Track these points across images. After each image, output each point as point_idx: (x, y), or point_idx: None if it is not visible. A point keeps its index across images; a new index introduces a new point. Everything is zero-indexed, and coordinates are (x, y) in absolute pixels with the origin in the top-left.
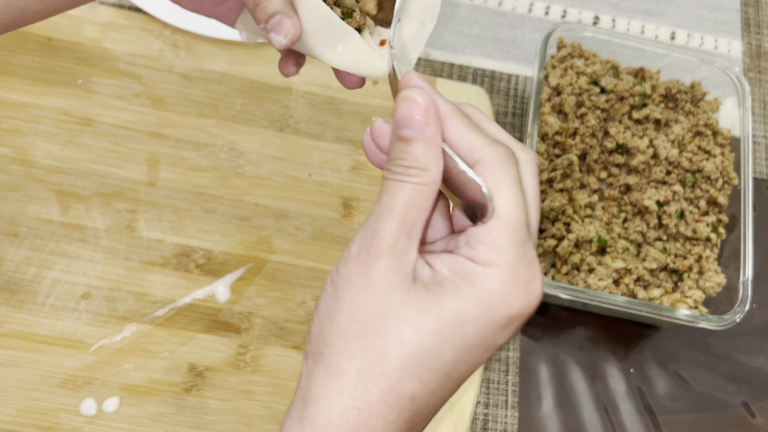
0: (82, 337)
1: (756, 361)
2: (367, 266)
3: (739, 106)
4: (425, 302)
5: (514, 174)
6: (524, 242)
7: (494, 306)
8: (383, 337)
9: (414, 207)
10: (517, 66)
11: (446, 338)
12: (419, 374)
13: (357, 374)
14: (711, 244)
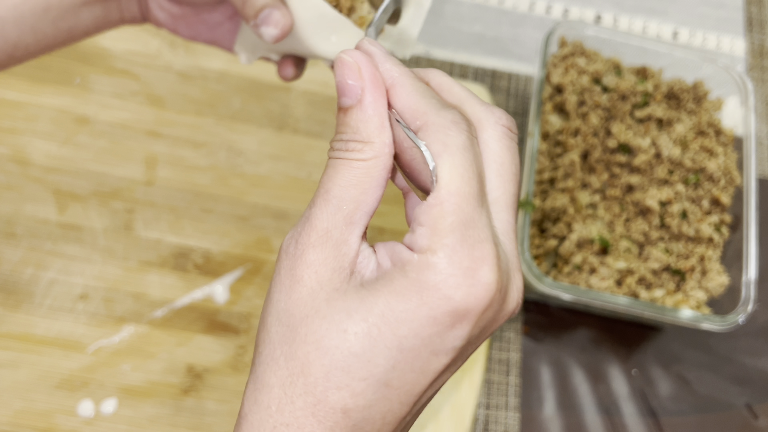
0: (80, 338)
1: (759, 362)
2: (294, 260)
3: (742, 105)
4: (352, 300)
5: (462, 139)
6: (470, 221)
7: (432, 301)
8: (305, 342)
9: (354, 187)
10: (518, 64)
11: (374, 341)
12: (347, 383)
13: (281, 386)
14: (714, 244)
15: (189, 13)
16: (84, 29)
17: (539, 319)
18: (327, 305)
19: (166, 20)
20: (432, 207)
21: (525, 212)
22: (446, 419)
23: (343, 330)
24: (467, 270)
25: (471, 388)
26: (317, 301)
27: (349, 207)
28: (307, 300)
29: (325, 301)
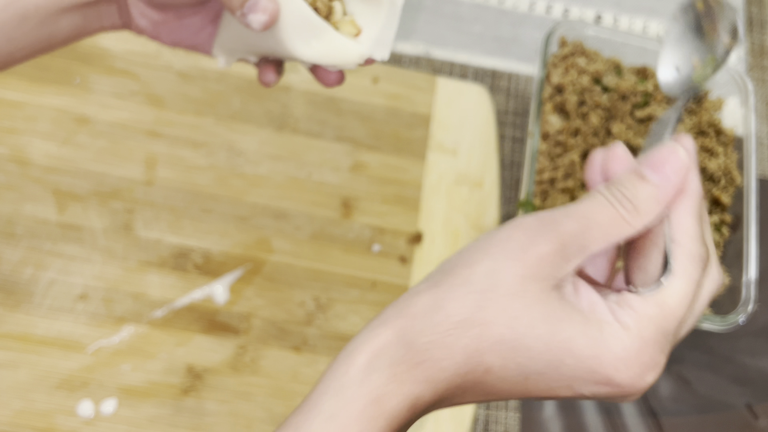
0: (80, 338)
1: (760, 362)
2: (530, 241)
3: (742, 105)
4: (551, 311)
5: (698, 275)
6: (667, 334)
7: (604, 362)
8: (499, 307)
9: (603, 230)
10: (518, 64)
11: (548, 352)
12: (505, 356)
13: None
14: (714, 245)
15: (171, 19)
16: (63, 37)
17: None
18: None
19: (148, 27)
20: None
21: (525, 212)
22: (446, 419)
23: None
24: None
25: None
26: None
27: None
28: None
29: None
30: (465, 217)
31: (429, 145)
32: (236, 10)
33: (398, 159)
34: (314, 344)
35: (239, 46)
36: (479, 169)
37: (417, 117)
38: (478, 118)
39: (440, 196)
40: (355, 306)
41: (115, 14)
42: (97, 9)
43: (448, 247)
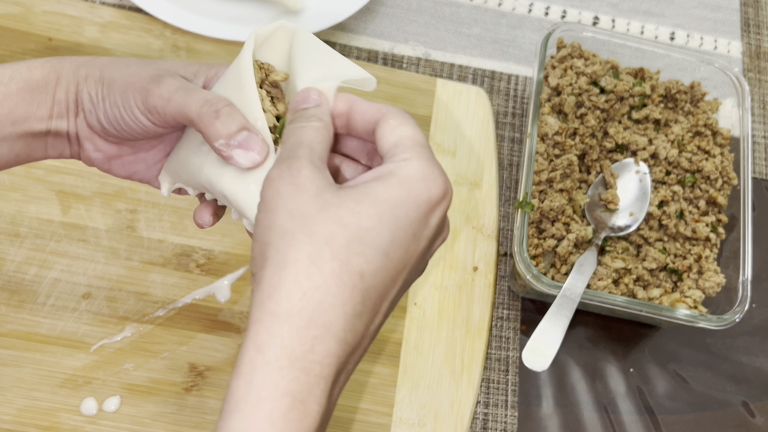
0: (83, 337)
1: (756, 360)
2: (292, 177)
3: (738, 106)
4: (356, 194)
5: None
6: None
7: (417, 189)
8: (326, 222)
9: (317, 142)
10: (517, 66)
11: (381, 218)
12: (363, 250)
13: (309, 257)
14: (710, 244)
15: (127, 153)
16: (3, 163)
17: (537, 318)
18: (337, 199)
19: (100, 160)
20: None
21: (523, 212)
22: (445, 417)
23: (357, 212)
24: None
25: (470, 386)
26: (326, 196)
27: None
28: (315, 198)
29: (333, 197)
30: (464, 217)
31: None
32: (219, 138)
33: None
34: None
35: (183, 174)
36: (478, 169)
37: (416, 118)
38: (476, 120)
39: None
40: None
41: (64, 146)
42: (44, 140)
43: (448, 246)
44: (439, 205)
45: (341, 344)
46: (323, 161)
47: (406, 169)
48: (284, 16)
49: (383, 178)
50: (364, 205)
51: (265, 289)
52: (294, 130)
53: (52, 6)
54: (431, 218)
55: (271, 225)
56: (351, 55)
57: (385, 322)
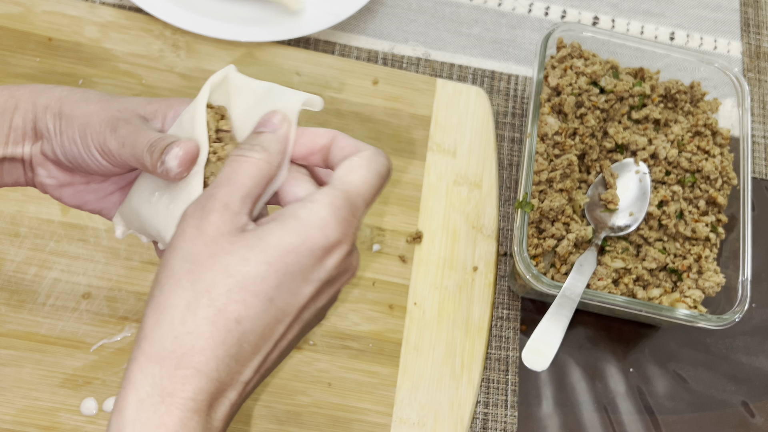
0: (83, 337)
1: (755, 360)
2: (200, 220)
3: (738, 106)
4: (251, 239)
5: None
6: (354, 201)
7: (313, 236)
8: (212, 270)
9: (249, 178)
10: (516, 66)
11: (269, 266)
12: (244, 297)
13: (187, 303)
14: (710, 244)
15: (79, 181)
16: None
17: (537, 318)
18: (230, 245)
19: (52, 187)
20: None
21: (523, 212)
22: (445, 417)
23: (245, 259)
24: (339, 218)
25: (470, 386)
26: (221, 244)
27: (244, 191)
28: (211, 244)
29: (228, 243)
30: (464, 217)
31: (428, 146)
32: (155, 162)
33: (398, 159)
34: (315, 343)
35: (135, 220)
36: (478, 169)
37: (417, 118)
38: (476, 120)
39: (439, 197)
40: (355, 305)
41: (20, 173)
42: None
43: (448, 246)
44: (337, 248)
45: (213, 382)
46: (246, 200)
47: (306, 212)
48: (284, 16)
49: (283, 221)
50: (254, 252)
51: (144, 328)
52: (231, 160)
53: (52, 6)
54: (327, 261)
55: (165, 264)
56: (351, 55)
57: (280, 355)
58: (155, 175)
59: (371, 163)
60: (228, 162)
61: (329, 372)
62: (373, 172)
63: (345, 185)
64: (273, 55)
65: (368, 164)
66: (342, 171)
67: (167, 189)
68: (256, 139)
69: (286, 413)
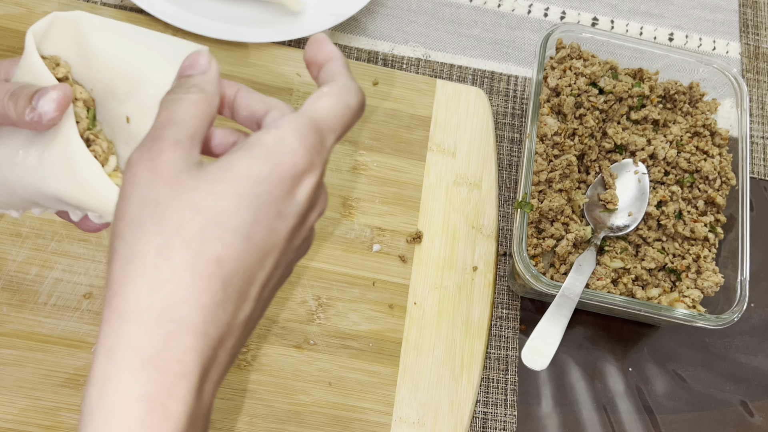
0: (84, 337)
1: (754, 360)
2: (150, 161)
3: (737, 107)
4: (216, 171)
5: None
6: (319, 127)
7: (282, 162)
8: (179, 209)
9: (192, 117)
10: (516, 67)
11: (241, 197)
12: (220, 234)
13: (157, 249)
14: (709, 244)
15: None
16: None
17: (536, 317)
18: (193, 180)
19: None
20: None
21: (523, 212)
22: (445, 416)
23: (214, 193)
24: (305, 141)
25: (469, 385)
26: (183, 180)
27: (190, 130)
28: (171, 182)
29: (191, 178)
30: (464, 217)
31: (428, 147)
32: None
33: (398, 160)
34: (315, 342)
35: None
36: (478, 169)
37: (416, 119)
38: (476, 120)
39: (439, 197)
40: (355, 304)
41: None
42: None
43: (447, 246)
44: (306, 177)
45: (202, 337)
46: (194, 139)
47: (272, 137)
48: (284, 17)
49: (248, 148)
50: (222, 184)
51: (112, 285)
52: (167, 103)
53: (54, 7)
54: (297, 193)
55: (122, 215)
56: (351, 56)
57: (263, 307)
58: (20, 124)
59: (341, 93)
60: (164, 105)
61: (329, 371)
62: (343, 102)
63: (312, 112)
64: (273, 55)
65: (338, 93)
66: (311, 100)
67: (33, 142)
68: (189, 81)
69: (286, 412)
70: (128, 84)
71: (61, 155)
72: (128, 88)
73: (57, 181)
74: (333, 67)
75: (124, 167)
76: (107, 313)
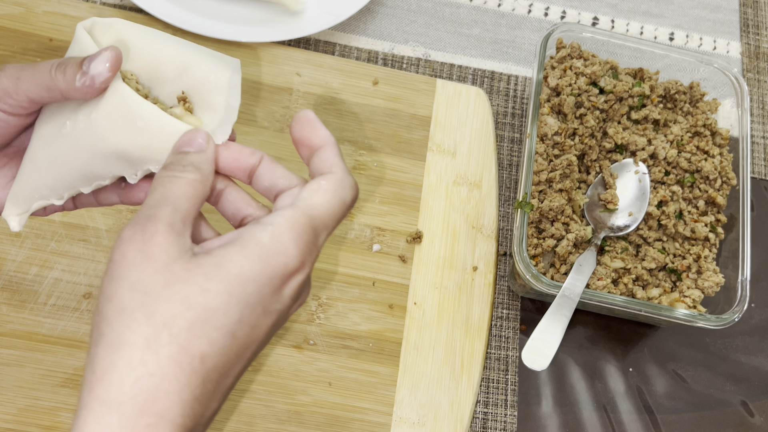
0: (84, 337)
1: (754, 360)
2: (143, 243)
3: (737, 107)
4: (208, 267)
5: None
6: (315, 225)
7: (273, 263)
8: (169, 302)
9: (187, 198)
10: (516, 67)
11: (230, 296)
12: (206, 332)
13: (145, 340)
14: (709, 244)
15: None
16: None
17: (537, 317)
18: (186, 273)
19: None
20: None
21: (523, 212)
22: (445, 416)
23: (205, 290)
24: (299, 242)
25: (469, 385)
26: (175, 270)
27: (183, 212)
28: (163, 271)
29: (183, 270)
30: (464, 217)
31: (428, 146)
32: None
33: (398, 160)
34: (315, 342)
35: (47, 181)
36: (478, 169)
37: (416, 118)
38: (476, 120)
39: (439, 197)
40: (355, 305)
41: None
42: None
43: (447, 246)
44: (295, 276)
45: (179, 429)
46: (186, 221)
47: (268, 237)
48: (285, 17)
49: (243, 245)
50: (215, 282)
51: (96, 370)
52: (163, 180)
53: (53, 6)
54: (285, 291)
55: (111, 297)
56: (351, 56)
57: (228, 394)
58: (69, 93)
59: (338, 189)
60: (158, 182)
61: (329, 371)
62: (340, 199)
63: (309, 209)
64: (273, 55)
65: (335, 189)
66: (307, 193)
67: (78, 110)
68: (185, 158)
69: (286, 412)
70: (175, 67)
71: (114, 108)
72: (175, 71)
73: (116, 134)
74: (328, 156)
75: (115, 244)
76: (88, 398)
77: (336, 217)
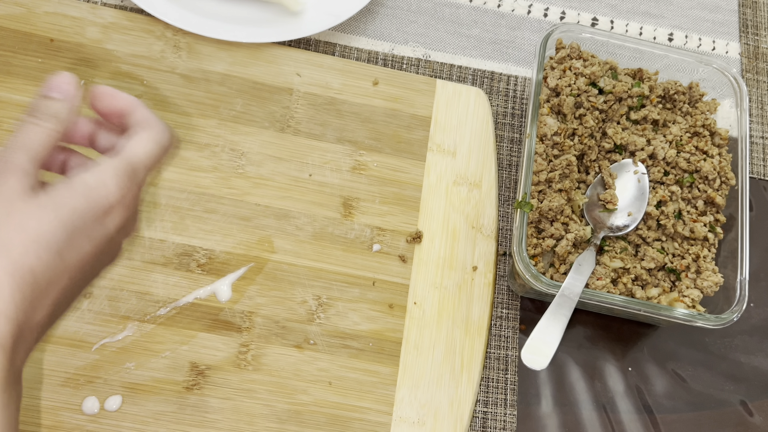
0: (84, 336)
1: (754, 360)
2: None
3: (736, 107)
4: (43, 199)
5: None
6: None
7: (96, 198)
8: (7, 228)
9: (41, 145)
10: (516, 67)
11: (59, 223)
12: (36, 250)
13: None
14: (709, 244)
15: None
16: None
17: (536, 317)
18: (25, 204)
19: None
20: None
21: (522, 212)
22: (445, 416)
23: (39, 218)
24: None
25: (469, 385)
26: (16, 203)
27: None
28: (7, 204)
29: (23, 203)
30: (464, 217)
31: (428, 147)
32: None
33: (398, 160)
34: (315, 342)
35: None
36: (478, 169)
37: (416, 119)
38: (476, 120)
39: (439, 197)
40: (355, 304)
41: None
42: None
43: (447, 246)
44: (115, 211)
45: (12, 322)
46: (36, 163)
47: (93, 178)
48: (285, 18)
49: (71, 183)
50: (46, 211)
51: None
52: (25, 126)
53: (54, 7)
54: (107, 220)
55: None
56: (351, 56)
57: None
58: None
59: (153, 135)
60: (23, 126)
61: (329, 371)
62: (154, 142)
63: (127, 153)
64: (274, 56)
65: (150, 135)
66: (126, 141)
67: None
68: (50, 107)
69: (286, 412)
70: None
71: None
72: None
73: None
74: (140, 114)
75: None
76: None
77: (154, 157)
